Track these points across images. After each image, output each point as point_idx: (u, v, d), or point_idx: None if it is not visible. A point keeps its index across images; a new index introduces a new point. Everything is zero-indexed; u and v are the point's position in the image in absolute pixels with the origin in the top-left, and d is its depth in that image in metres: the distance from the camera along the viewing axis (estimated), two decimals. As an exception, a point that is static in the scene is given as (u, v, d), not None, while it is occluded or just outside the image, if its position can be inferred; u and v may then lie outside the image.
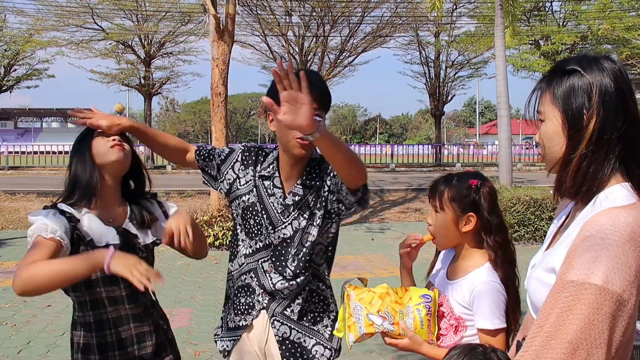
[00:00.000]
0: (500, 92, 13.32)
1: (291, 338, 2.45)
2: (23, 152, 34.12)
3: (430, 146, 37.69)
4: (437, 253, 2.49)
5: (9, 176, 24.23)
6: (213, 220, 10.58)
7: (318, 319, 2.51)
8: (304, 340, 2.45)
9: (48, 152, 32.57)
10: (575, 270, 1.35)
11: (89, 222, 2.31)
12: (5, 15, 28.00)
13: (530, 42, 29.20)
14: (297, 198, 2.43)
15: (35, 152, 33.04)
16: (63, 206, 2.30)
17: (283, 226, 2.44)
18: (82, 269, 2.04)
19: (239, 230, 2.56)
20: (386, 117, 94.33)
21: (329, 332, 2.50)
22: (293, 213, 2.42)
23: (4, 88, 27.99)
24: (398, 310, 2.09)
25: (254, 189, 2.51)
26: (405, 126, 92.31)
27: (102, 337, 2.32)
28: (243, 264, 2.55)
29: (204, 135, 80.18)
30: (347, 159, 2.13)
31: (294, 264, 2.42)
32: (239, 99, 75.91)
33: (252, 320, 2.50)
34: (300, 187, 2.44)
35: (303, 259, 2.42)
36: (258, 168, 2.54)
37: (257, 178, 2.52)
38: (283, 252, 2.44)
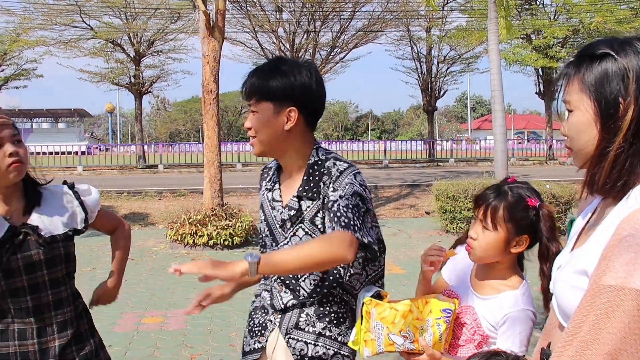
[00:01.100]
0: (495, 86, 13.23)
1: (309, 354, 2.26)
2: (13, 153, 33.76)
3: (423, 142, 37.69)
4: (455, 246, 2.33)
5: (-1, 177, 23.94)
6: (207, 219, 10.44)
7: (341, 319, 2.31)
8: (323, 353, 2.27)
9: (38, 153, 32.30)
10: (613, 273, 1.23)
11: None
12: (-8, 15, 27.76)
13: (522, 36, 29.19)
14: (292, 212, 2.26)
15: (29, 151, 32.72)
16: None
17: (285, 242, 2.28)
18: None
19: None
20: (378, 114, 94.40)
21: (349, 335, 2.30)
22: (292, 228, 2.26)
23: (-8, 89, 27.76)
24: (419, 326, 2.01)
25: (262, 204, 2.41)
26: (397, 122, 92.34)
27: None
28: (261, 284, 2.45)
29: (195, 134, 79.97)
30: (306, 267, 2.05)
31: (307, 283, 2.25)
32: (230, 97, 75.61)
33: (265, 341, 2.35)
34: (296, 200, 2.25)
35: (317, 277, 2.25)
36: (266, 181, 2.45)
37: (264, 192, 2.42)
38: None
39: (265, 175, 2.48)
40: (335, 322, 2.29)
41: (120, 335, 5.86)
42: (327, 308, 2.29)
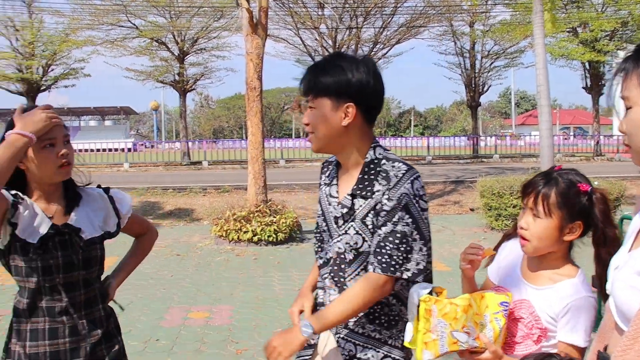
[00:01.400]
0: (540, 81, 12.97)
1: (358, 356, 2.23)
2: (62, 151, 34.58)
3: (466, 138, 37.29)
4: (499, 244, 2.28)
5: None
6: (251, 215, 10.51)
7: (392, 322, 2.25)
8: (372, 356, 2.22)
9: (86, 150, 33.04)
10: (675, 274, 1.20)
11: (27, 209, 2.25)
12: (42, 17, 28.44)
13: (568, 29, 28.58)
14: (344, 210, 2.22)
15: (74, 151, 33.53)
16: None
17: (338, 239, 2.24)
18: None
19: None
20: (420, 110, 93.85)
21: (402, 339, 2.19)
22: (344, 226, 2.22)
23: (42, 88, 28.38)
24: (479, 322, 1.94)
25: (319, 199, 2.39)
26: (439, 118, 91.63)
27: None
28: (318, 281, 2.41)
29: (239, 131, 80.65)
30: (354, 315, 2.18)
31: (354, 282, 2.20)
32: (273, 94, 76.17)
33: (317, 338, 2.34)
34: (350, 198, 2.22)
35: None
36: (325, 175, 2.43)
37: (322, 186, 2.40)
38: (340, 267, 2.25)
39: (325, 169, 2.46)
40: (386, 325, 2.24)
41: (167, 329, 5.94)
42: (378, 310, 2.24)
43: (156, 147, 44.15)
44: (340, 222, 2.23)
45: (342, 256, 2.23)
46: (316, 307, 2.43)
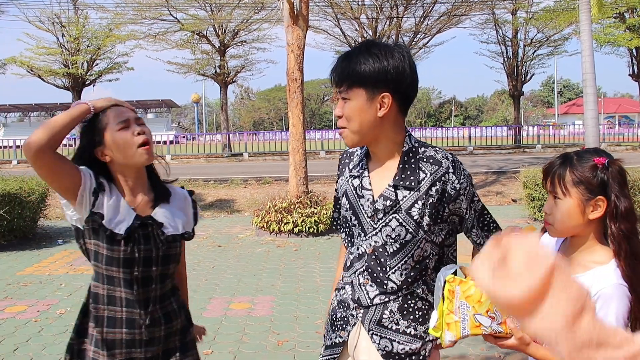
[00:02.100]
0: (587, 68, 12.71)
1: (395, 350, 2.17)
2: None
3: (507, 128, 36.74)
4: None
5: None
6: (292, 207, 10.55)
7: (426, 317, 2.20)
8: (410, 348, 2.18)
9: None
10: None
11: (110, 198, 2.27)
12: (87, 12, 28.99)
13: (615, 15, 27.85)
14: (388, 202, 2.13)
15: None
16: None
17: (373, 232, 2.16)
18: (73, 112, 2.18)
19: (344, 240, 2.38)
20: (461, 99, 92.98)
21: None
22: (384, 218, 2.14)
23: (87, 82, 28.93)
24: None
25: (345, 192, 2.29)
26: (480, 108, 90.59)
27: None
28: (343, 277, 2.34)
29: (279, 123, 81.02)
30: None
31: (398, 275, 2.16)
32: (313, 85, 76.18)
33: (347, 335, 2.27)
34: (392, 189, 2.13)
35: (410, 270, 2.16)
36: (349, 167, 2.34)
37: (348, 179, 2.30)
38: (379, 262, 2.17)
39: (347, 160, 2.36)
40: (420, 319, 2.20)
41: (209, 320, 6.01)
42: (412, 305, 2.19)
43: (197, 139, 44.58)
44: (380, 214, 2.15)
45: (382, 249, 2.17)
46: (338, 304, 2.36)
